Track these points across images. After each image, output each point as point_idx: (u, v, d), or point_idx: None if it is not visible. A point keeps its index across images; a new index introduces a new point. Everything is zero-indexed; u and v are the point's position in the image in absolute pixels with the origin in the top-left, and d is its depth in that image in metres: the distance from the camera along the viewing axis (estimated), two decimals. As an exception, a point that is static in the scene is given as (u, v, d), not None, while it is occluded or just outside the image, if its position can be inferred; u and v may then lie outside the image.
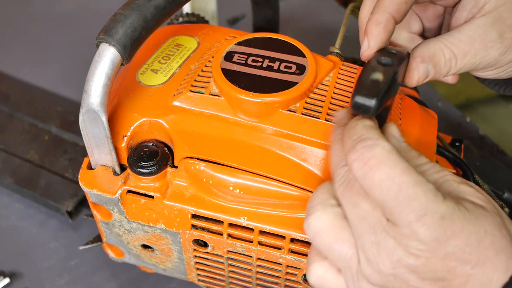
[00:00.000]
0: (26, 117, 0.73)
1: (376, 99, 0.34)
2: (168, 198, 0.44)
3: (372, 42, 0.39)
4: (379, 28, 0.39)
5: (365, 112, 0.35)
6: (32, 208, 0.65)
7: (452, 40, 0.39)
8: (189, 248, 0.47)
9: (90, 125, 0.42)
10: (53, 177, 0.65)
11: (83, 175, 0.46)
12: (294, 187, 0.43)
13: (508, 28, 0.40)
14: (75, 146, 0.69)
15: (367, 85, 0.35)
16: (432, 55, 0.39)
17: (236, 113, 0.44)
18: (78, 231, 0.63)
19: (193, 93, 0.45)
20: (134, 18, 0.41)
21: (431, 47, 0.39)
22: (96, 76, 0.40)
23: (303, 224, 0.36)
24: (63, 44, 0.86)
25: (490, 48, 0.40)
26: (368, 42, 0.39)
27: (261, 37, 0.48)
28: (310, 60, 0.45)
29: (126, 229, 0.48)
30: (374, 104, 0.34)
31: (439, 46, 0.39)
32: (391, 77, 0.36)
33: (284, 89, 0.43)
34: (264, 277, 0.48)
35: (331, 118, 0.43)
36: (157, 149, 0.45)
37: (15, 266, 0.60)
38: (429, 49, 0.39)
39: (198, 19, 0.58)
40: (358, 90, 0.35)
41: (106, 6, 0.73)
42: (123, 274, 0.59)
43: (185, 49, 0.50)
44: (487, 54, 0.40)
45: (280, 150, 0.43)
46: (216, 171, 0.44)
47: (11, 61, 0.83)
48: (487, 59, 0.40)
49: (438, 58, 0.39)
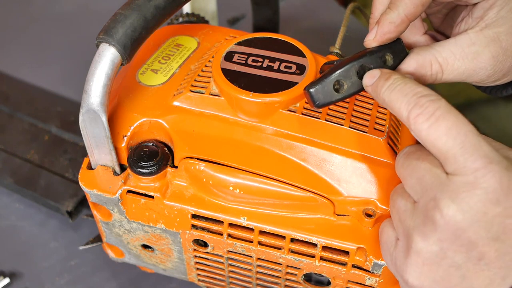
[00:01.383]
0: (26, 117, 0.73)
1: (324, 105, 0.40)
2: (168, 198, 0.44)
3: (379, 36, 0.40)
4: (391, 27, 0.39)
5: (310, 103, 0.40)
6: (32, 208, 0.65)
7: (444, 55, 0.40)
8: (189, 248, 0.47)
9: (90, 125, 0.42)
10: (53, 177, 0.65)
11: (83, 175, 0.46)
12: (294, 187, 0.43)
13: (502, 51, 0.40)
14: (75, 146, 0.69)
15: (326, 89, 0.39)
16: (420, 66, 0.40)
17: (236, 113, 0.44)
18: (78, 231, 0.63)
19: (193, 93, 0.45)
20: (134, 18, 0.41)
21: (421, 58, 0.40)
22: (96, 76, 0.40)
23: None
24: (63, 44, 0.86)
25: (480, 69, 0.40)
26: (375, 34, 0.40)
27: (261, 37, 0.48)
28: (310, 60, 0.45)
29: (126, 229, 0.48)
30: (317, 105, 0.40)
31: (429, 58, 0.40)
32: (355, 90, 0.40)
33: (284, 89, 0.43)
34: (264, 277, 0.48)
35: (331, 118, 0.43)
36: (157, 149, 0.45)
37: (15, 266, 0.60)
38: (418, 60, 0.40)
39: (198, 19, 0.58)
40: (315, 85, 0.39)
41: (106, 6, 0.73)
42: (123, 274, 0.59)
43: (185, 49, 0.50)
44: (475, 74, 0.40)
45: (280, 150, 0.43)
46: (216, 171, 0.44)
47: (11, 61, 0.83)
48: (473, 78, 0.41)
49: (424, 71, 0.40)
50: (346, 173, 0.42)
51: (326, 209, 0.43)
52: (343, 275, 0.44)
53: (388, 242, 0.39)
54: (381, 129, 0.43)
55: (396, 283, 0.44)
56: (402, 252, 0.37)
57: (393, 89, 0.36)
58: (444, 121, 0.33)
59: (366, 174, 0.42)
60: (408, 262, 0.36)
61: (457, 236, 0.33)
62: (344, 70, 0.39)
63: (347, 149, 0.43)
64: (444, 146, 0.33)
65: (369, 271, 0.43)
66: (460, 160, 0.33)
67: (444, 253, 0.34)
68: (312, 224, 0.43)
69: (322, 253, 0.43)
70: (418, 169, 0.35)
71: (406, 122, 0.35)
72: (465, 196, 0.33)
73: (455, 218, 0.33)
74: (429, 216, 0.34)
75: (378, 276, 0.43)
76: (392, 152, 0.43)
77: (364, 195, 0.42)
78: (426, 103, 0.34)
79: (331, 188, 0.42)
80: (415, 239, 0.35)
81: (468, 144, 0.33)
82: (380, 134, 0.43)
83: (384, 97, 0.37)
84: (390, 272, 0.42)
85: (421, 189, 0.35)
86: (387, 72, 0.38)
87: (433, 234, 0.34)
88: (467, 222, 0.33)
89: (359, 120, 0.43)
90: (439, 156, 0.34)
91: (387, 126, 0.43)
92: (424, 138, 0.34)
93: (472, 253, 0.33)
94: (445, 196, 0.33)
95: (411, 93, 0.35)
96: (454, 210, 0.33)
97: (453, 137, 0.33)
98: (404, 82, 0.36)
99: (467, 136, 0.33)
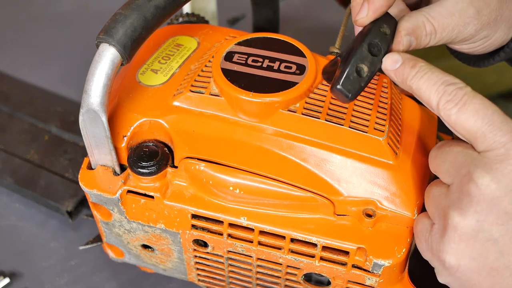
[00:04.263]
0: (26, 117, 0.73)
1: (356, 94, 0.39)
2: (168, 198, 0.44)
3: (371, 12, 0.40)
4: (382, 2, 0.40)
5: (342, 100, 0.39)
6: (32, 208, 0.65)
7: (433, 14, 0.41)
8: (189, 248, 0.47)
9: (90, 125, 0.42)
10: (53, 177, 0.65)
11: (83, 175, 0.46)
12: (294, 187, 0.43)
13: (485, 6, 0.42)
14: (75, 146, 0.69)
15: (352, 80, 0.39)
16: (415, 28, 0.41)
17: (236, 113, 0.44)
18: (78, 231, 0.63)
19: (193, 93, 0.45)
20: (134, 18, 0.41)
21: (414, 20, 0.41)
22: (96, 76, 0.40)
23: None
24: (63, 44, 0.86)
25: (467, 24, 0.42)
26: (367, 10, 0.40)
27: (261, 37, 0.48)
28: (310, 60, 0.45)
29: (126, 229, 0.48)
30: (351, 98, 0.39)
31: (421, 19, 0.41)
32: (377, 67, 0.40)
33: (284, 89, 0.43)
34: (264, 277, 0.48)
35: (331, 118, 0.43)
36: (157, 149, 0.45)
37: (15, 266, 0.60)
38: (412, 22, 0.41)
39: (198, 19, 0.58)
40: (341, 80, 0.39)
41: (106, 6, 0.73)
42: (123, 274, 0.59)
43: (185, 49, 0.50)
44: (464, 30, 0.42)
45: (280, 150, 0.43)
46: (216, 171, 0.44)
47: (11, 61, 0.83)
48: (463, 33, 0.42)
49: (420, 31, 0.41)
50: (346, 173, 0.42)
51: (326, 209, 0.43)
52: (343, 275, 0.44)
53: (423, 229, 0.39)
54: (381, 129, 0.43)
55: (396, 283, 0.44)
56: (438, 233, 0.37)
57: (420, 77, 0.38)
58: (471, 104, 0.35)
59: (366, 174, 0.42)
60: (445, 240, 0.36)
61: (493, 206, 0.34)
62: (358, 53, 0.39)
63: (347, 149, 0.43)
64: (474, 126, 0.35)
65: (369, 271, 0.43)
66: (489, 136, 0.35)
67: (480, 226, 0.35)
68: (312, 224, 0.43)
69: (322, 253, 0.43)
70: (451, 153, 0.37)
71: (436, 109, 0.37)
72: (498, 166, 0.34)
73: (490, 188, 0.34)
74: (464, 190, 0.35)
75: (378, 276, 0.43)
76: (392, 152, 0.43)
77: (364, 195, 0.42)
78: (454, 91, 0.36)
79: (331, 188, 0.42)
80: (451, 215, 0.36)
81: (496, 122, 0.35)
82: (380, 134, 0.43)
83: (411, 84, 0.38)
84: (390, 272, 0.42)
85: (455, 170, 0.36)
86: (410, 58, 0.39)
87: (469, 207, 0.35)
88: (502, 191, 0.34)
89: (359, 120, 0.43)
90: (470, 137, 0.36)
91: (387, 126, 0.43)
92: (453, 122, 0.36)
93: (509, 225, 0.34)
94: (479, 169, 0.35)
95: (439, 82, 0.37)
96: (488, 180, 0.34)
97: (481, 118, 0.35)
98: (431, 70, 0.38)
99: (494, 114, 0.35)
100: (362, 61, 0.39)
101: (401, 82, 0.39)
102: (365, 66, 0.39)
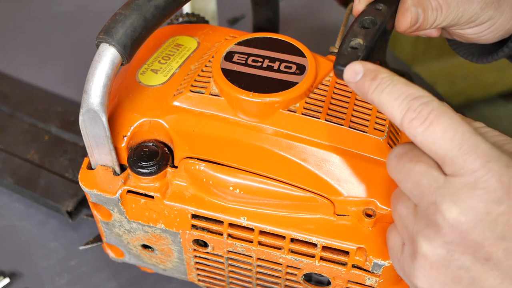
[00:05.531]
0: (26, 117, 0.73)
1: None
2: (168, 198, 0.44)
3: None
4: None
5: (341, 77, 0.37)
6: (32, 208, 0.65)
7: None
8: (189, 248, 0.47)
9: (90, 125, 0.42)
10: (53, 177, 0.65)
11: (83, 175, 0.46)
12: (294, 187, 0.43)
13: None
14: (75, 146, 0.69)
15: (347, 54, 0.38)
16: (421, 0, 0.41)
17: (236, 113, 0.44)
18: (78, 231, 0.63)
19: (193, 93, 0.45)
20: (134, 18, 0.41)
21: None
22: (96, 76, 0.40)
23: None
24: (63, 44, 0.86)
25: (471, 2, 0.42)
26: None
27: (261, 37, 0.48)
28: (310, 60, 0.45)
29: (126, 229, 0.48)
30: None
31: None
32: (374, 37, 0.39)
33: (284, 89, 0.43)
34: (264, 277, 0.48)
35: (331, 118, 0.43)
36: (157, 149, 0.45)
37: (15, 266, 0.60)
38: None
39: (198, 19, 0.58)
40: (338, 59, 0.38)
41: (106, 6, 0.73)
42: (123, 274, 0.59)
43: (185, 49, 0.50)
44: (468, 7, 0.42)
45: (280, 150, 0.43)
46: (216, 171, 0.44)
47: (11, 61, 0.83)
48: (468, 12, 0.42)
49: (426, 5, 0.41)
50: (346, 173, 0.42)
51: (326, 209, 0.43)
52: (343, 275, 0.44)
53: (394, 247, 0.38)
54: (381, 129, 0.43)
55: (396, 283, 0.44)
56: (409, 256, 0.36)
57: (381, 91, 0.34)
58: (439, 123, 0.32)
59: (366, 174, 0.42)
60: (416, 266, 0.35)
61: (463, 238, 0.32)
62: (350, 32, 0.40)
63: (347, 149, 0.43)
64: (441, 149, 0.32)
65: (369, 271, 0.43)
66: (458, 161, 0.32)
67: (451, 256, 0.33)
68: (312, 224, 0.43)
69: (322, 253, 0.43)
70: (413, 173, 0.34)
71: (400, 127, 0.33)
72: (466, 197, 0.32)
73: (458, 220, 0.32)
74: (432, 220, 0.33)
75: (378, 276, 0.43)
76: (392, 152, 0.43)
77: (364, 195, 0.42)
78: (419, 107, 0.32)
79: (331, 188, 0.42)
80: (420, 243, 0.34)
81: (466, 145, 0.32)
82: (380, 134, 0.43)
83: (372, 99, 0.35)
84: (390, 272, 0.42)
85: (419, 193, 0.34)
86: (371, 69, 0.35)
87: (438, 237, 0.33)
88: (471, 224, 0.32)
89: (359, 120, 0.43)
90: (437, 159, 0.33)
91: (387, 126, 0.43)
92: (420, 142, 0.33)
93: (480, 254, 0.33)
94: (446, 199, 0.32)
95: (402, 96, 0.33)
96: (456, 213, 0.32)
97: (449, 139, 0.32)
98: (393, 83, 0.34)
99: (464, 136, 0.32)
100: (355, 36, 0.39)
101: (363, 96, 0.35)
102: (359, 39, 0.39)
